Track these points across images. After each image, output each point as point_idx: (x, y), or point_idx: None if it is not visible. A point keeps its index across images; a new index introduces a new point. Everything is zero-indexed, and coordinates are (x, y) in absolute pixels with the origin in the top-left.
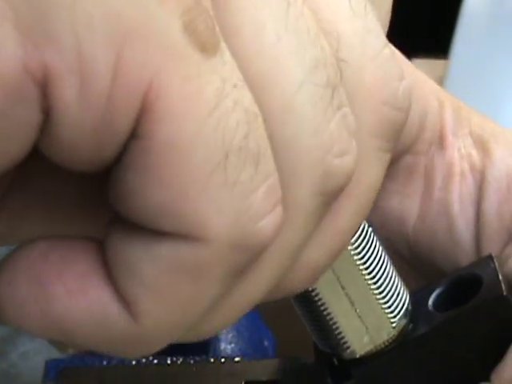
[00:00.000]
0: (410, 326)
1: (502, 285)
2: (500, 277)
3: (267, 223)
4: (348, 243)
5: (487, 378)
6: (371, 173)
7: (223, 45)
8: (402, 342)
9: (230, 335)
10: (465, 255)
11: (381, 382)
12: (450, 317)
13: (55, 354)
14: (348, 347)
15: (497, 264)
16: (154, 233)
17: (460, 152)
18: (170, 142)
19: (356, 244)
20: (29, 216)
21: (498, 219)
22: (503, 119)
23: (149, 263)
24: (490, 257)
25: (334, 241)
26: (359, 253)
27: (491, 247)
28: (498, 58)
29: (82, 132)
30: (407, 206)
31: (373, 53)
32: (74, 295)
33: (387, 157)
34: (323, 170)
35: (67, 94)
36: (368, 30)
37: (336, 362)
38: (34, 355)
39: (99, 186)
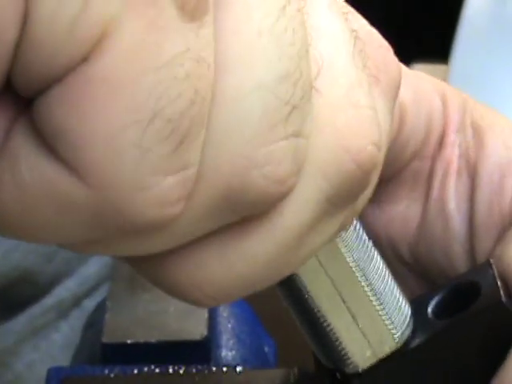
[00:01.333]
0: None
1: (501, 291)
2: (499, 283)
3: (158, 213)
4: (261, 277)
5: None
6: (299, 215)
7: (209, 19)
8: (401, 351)
9: (230, 342)
10: (460, 254)
11: None
12: (449, 324)
13: (61, 363)
14: (350, 362)
15: (495, 270)
16: (50, 149)
17: (460, 147)
18: (106, 74)
19: (357, 258)
20: None
21: (487, 215)
22: None
23: (28, 171)
24: (489, 263)
25: (235, 264)
26: (360, 267)
27: (482, 244)
28: (499, 63)
29: (51, 39)
30: (412, 209)
31: (356, 102)
32: None
33: (328, 209)
34: (240, 182)
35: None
36: (360, 84)
37: (338, 377)
38: (40, 365)
39: None
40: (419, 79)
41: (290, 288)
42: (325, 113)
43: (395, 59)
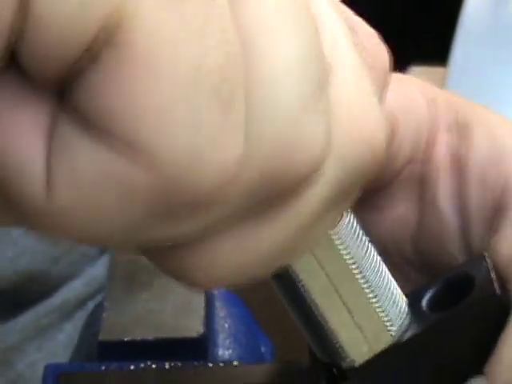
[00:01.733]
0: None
1: (495, 283)
2: (493, 275)
3: (217, 180)
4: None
5: (481, 373)
6: (316, 198)
7: None
8: (397, 345)
9: (227, 341)
10: (457, 248)
11: (376, 383)
12: (443, 317)
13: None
14: (347, 357)
15: (489, 263)
16: (101, 135)
17: (448, 145)
18: (140, 50)
19: (353, 253)
20: None
21: (478, 205)
22: None
23: (85, 161)
24: (483, 255)
25: (261, 247)
26: (356, 261)
27: (475, 234)
28: (498, 65)
29: (57, 22)
30: (411, 209)
31: (364, 90)
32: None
33: (338, 194)
34: (280, 163)
35: None
36: (365, 73)
37: (335, 371)
38: (42, 365)
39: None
40: (405, 83)
41: (286, 284)
42: (338, 98)
43: (384, 47)
